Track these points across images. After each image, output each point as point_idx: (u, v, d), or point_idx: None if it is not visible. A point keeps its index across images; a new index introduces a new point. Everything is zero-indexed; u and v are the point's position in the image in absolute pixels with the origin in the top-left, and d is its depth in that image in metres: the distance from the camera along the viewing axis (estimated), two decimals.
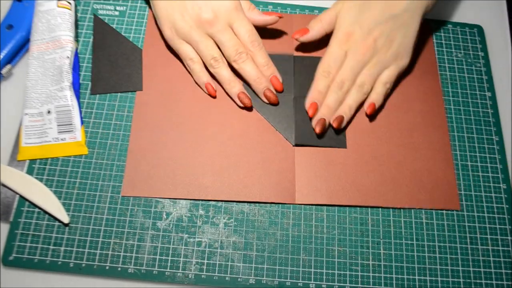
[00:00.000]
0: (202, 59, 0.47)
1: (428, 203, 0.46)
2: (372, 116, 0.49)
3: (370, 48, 0.46)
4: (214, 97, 0.48)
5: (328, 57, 0.47)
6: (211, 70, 0.47)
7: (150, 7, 0.51)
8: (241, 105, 0.47)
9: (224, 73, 0.47)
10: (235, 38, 0.46)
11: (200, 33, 0.46)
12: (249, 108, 0.48)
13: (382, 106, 0.49)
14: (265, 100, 0.48)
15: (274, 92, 0.48)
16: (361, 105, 0.48)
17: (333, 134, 0.47)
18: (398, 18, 0.46)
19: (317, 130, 0.46)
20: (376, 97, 0.47)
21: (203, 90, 0.48)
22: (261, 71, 0.47)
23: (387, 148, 0.48)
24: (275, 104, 0.48)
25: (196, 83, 0.49)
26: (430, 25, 0.55)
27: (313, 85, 0.48)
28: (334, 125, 0.46)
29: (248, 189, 0.45)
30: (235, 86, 0.47)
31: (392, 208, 0.46)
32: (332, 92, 0.46)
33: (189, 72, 0.49)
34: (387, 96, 0.49)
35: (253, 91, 0.48)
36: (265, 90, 0.47)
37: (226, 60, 0.47)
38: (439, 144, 0.48)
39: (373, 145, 0.48)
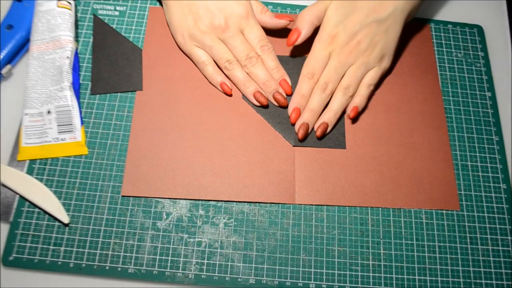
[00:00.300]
0: (216, 63, 0.48)
1: (428, 204, 0.46)
2: (355, 119, 0.49)
3: (354, 51, 0.46)
4: (230, 95, 0.49)
5: (311, 59, 0.47)
6: (226, 72, 0.48)
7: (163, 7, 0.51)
8: (257, 104, 0.48)
9: (239, 74, 0.47)
10: (246, 43, 0.47)
11: (213, 38, 0.47)
12: (265, 106, 0.48)
13: (381, 107, 0.49)
14: (275, 103, 0.48)
15: (284, 95, 0.48)
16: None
17: (332, 135, 0.47)
18: (383, 22, 0.47)
19: (299, 135, 0.46)
20: (359, 100, 0.47)
21: (219, 90, 0.49)
22: (271, 74, 0.48)
23: (387, 148, 0.48)
24: (284, 106, 0.48)
25: (212, 84, 0.49)
26: (430, 25, 0.55)
27: (296, 88, 0.48)
28: (318, 133, 0.46)
29: (248, 189, 0.45)
30: (250, 86, 0.48)
31: (392, 208, 0.46)
32: (316, 94, 0.47)
33: (205, 77, 0.49)
34: (369, 98, 0.49)
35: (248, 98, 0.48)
36: (274, 92, 0.47)
37: None
38: (439, 144, 0.48)
39: (373, 145, 0.48)
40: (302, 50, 0.51)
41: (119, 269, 0.42)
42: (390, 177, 0.46)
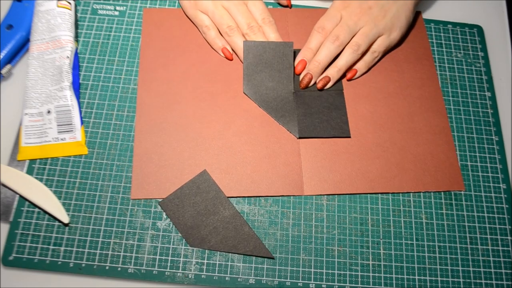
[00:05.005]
0: (217, 28, 0.50)
1: (433, 186, 0.46)
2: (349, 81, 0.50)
3: (365, 13, 0.48)
4: (231, 60, 0.50)
5: (323, 18, 0.49)
6: (226, 38, 0.49)
7: None
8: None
9: (239, 42, 0.49)
10: (248, 13, 0.49)
11: (216, 4, 0.49)
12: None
13: (380, 95, 0.50)
14: None
15: None
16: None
17: (336, 124, 0.48)
18: None
19: (302, 84, 0.48)
20: (361, 65, 0.50)
21: (220, 55, 0.50)
22: None
23: (389, 134, 0.48)
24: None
25: (213, 48, 0.51)
26: (430, 25, 0.55)
27: (306, 42, 0.49)
28: (319, 85, 0.48)
29: (256, 184, 0.45)
30: None
31: (399, 193, 0.46)
32: (325, 46, 0.48)
33: (207, 41, 0.51)
34: (370, 67, 0.51)
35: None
36: None
37: None
38: (439, 127, 0.49)
39: (376, 132, 0.48)
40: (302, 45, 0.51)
41: (119, 269, 0.42)
42: (395, 163, 0.47)
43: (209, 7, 0.49)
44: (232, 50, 0.50)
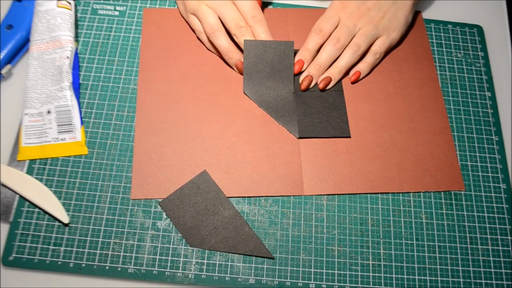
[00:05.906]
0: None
1: (433, 186, 0.46)
2: (354, 83, 0.51)
3: (364, 15, 0.49)
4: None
5: (321, 19, 0.49)
6: (211, 39, 0.48)
7: None
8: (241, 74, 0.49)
9: (222, 43, 0.47)
10: (236, 12, 0.47)
11: (200, 3, 0.48)
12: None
13: (380, 95, 0.50)
14: None
15: None
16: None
17: (336, 124, 0.48)
18: None
19: (302, 86, 0.48)
20: (363, 66, 0.50)
21: (218, 56, 0.50)
22: None
23: (389, 134, 0.48)
24: None
25: (210, 51, 0.51)
26: (430, 25, 0.55)
27: (304, 43, 0.49)
28: (320, 86, 0.48)
29: (257, 184, 0.45)
30: (232, 57, 0.48)
31: (399, 193, 0.46)
32: (326, 49, 0.48)
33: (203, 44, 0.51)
34: (373, 68, 0.51)
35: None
36: None
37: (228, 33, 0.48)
38: (439, 127, 0.49)
39: (376, 132, 0.48)
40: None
41: (119, 269, 0.42)
42: (395, 163, 0.47)
43: (194, 7, 0.48)
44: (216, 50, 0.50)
